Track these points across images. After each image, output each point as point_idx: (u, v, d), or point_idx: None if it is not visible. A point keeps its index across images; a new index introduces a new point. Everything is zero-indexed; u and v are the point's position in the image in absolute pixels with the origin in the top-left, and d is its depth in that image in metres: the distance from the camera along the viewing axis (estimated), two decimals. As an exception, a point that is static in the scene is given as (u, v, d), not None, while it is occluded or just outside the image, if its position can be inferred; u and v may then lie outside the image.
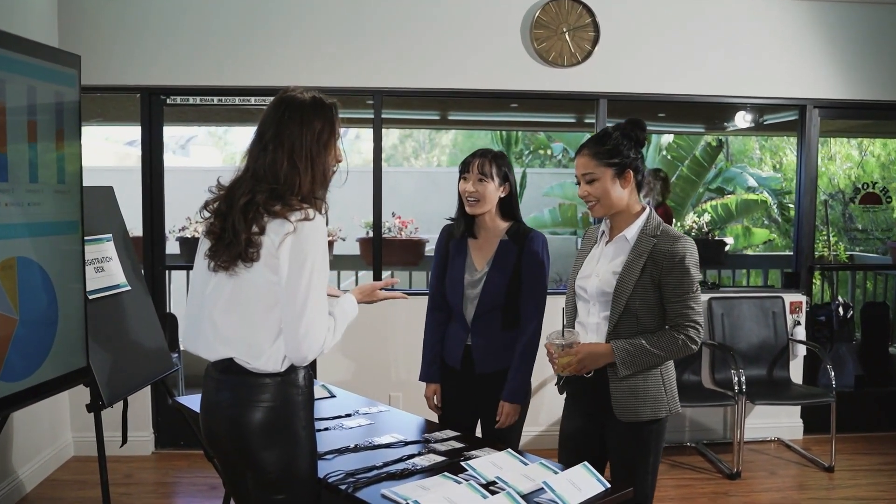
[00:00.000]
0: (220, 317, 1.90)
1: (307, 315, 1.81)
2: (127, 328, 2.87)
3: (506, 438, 2.62)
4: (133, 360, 2.85)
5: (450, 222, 2.77)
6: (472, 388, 2.66)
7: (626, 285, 2.25)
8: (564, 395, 2.49)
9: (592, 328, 2.34)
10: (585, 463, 2.07)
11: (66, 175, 2.50)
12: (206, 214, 1.97)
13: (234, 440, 1.88)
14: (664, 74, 4.48)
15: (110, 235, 2.92)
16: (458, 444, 2.35)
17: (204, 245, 1.96)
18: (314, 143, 1.87)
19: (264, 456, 1.86)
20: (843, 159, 8.78)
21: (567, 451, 2.43)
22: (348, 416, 2.66)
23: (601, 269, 2.33)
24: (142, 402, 4.23)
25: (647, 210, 2.33)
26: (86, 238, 2.77)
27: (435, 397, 2.73)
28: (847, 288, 6.29)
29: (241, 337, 1.87)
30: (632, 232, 2.30)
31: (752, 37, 4.53)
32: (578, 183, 2.35)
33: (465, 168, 2.62)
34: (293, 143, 1.86)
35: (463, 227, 2.68)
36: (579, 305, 2.41)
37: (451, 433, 2.46)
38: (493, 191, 2.60)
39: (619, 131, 2.31)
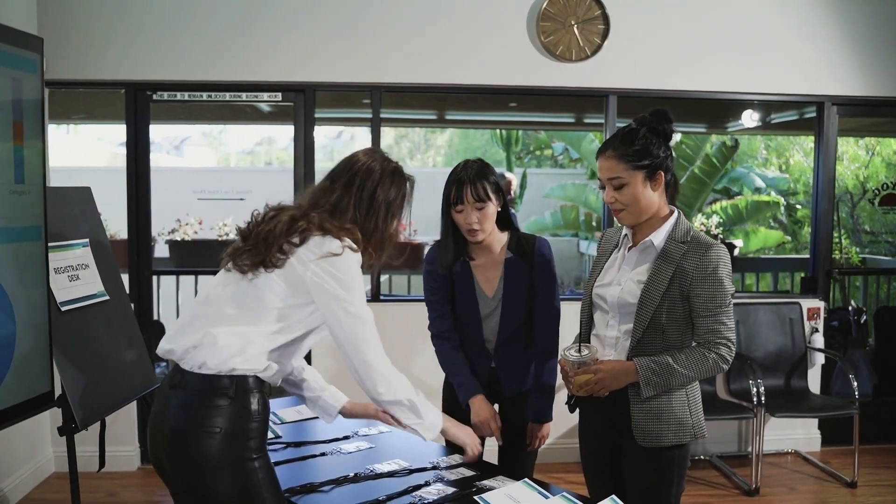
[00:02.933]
0: (212, 308, 1.81)
1: (373, 339, 1.86)
2: (104, 342, 2.63)
3: (523, 459, 2.45)
4: (111, 377, 2.61)
5: (436, 241, 2.48)
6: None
7: (652, 296, 2.02)
8: (577, 415, 2.27)
9: (611, 342, 2.12)
10: (614, 497, 1.86)
11: (26, 174, 2.22)
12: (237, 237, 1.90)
13: (174, 465, 1.73)
14: (677, 70, 4.27)
15: (86, 240, 2.68)
16: (468, 472, 2.13)
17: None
18: (383, 203, 1.86)
19: (212, 487, 1.70)
20: (850, 160, 8.59)
21: (594, 479, 2.24)
22: (346, 438, 2.44)
23: (623, 276, 2.10)
24: (126, 414, 4.00)
25: (676, 213, 2.10)
26: (59, 244, 2.53)
27: (496, 418, 2.36)
28: (859, 292, 6.09)
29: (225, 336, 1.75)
30: (659, 237, 2.06)
31: (769, 30, 4.33)
32: (603, 187, 2.10)
33: (458, 199, 2.29)
34: (364, 194, 1.85)
35: (452, 255, 2.39)
36: (596, 316, 2.18)
37: (459, 458, 2.24)
38: (493, 210, 2.34)
39: (646, 127, 2.07)
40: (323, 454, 2.27)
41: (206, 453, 1.68)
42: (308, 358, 4.18)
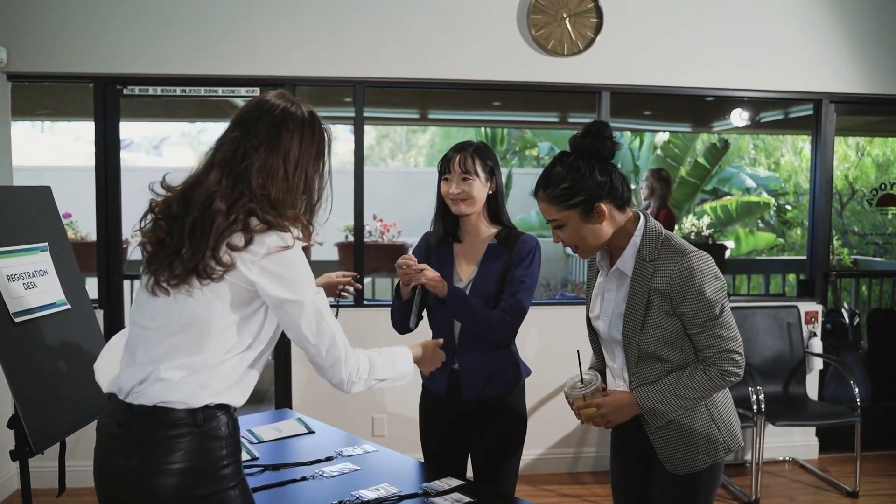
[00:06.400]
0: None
1: (334, 330, 1.58)
2: (64, 355, 2.41)
3: (501, 475, 2.29)
4: (72, 394, 2.38)
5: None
6: (459, 416, 2.32)
7: (633, 327, 1.85)
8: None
9: (618, 373, 1.96)
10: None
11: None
12: (148, 222, 1.57)
13: None
14: (672, 65, 4.11)
15: (45, 244, 2.45)
16: (463, 498, 1.95)
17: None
18: (310, 162, 1.58)
19: None
20: (840, 160, 8.52)
21: (620, 497, 2.08)
22: (329, 459, 2.25)
23: (607, 308, 1.94)
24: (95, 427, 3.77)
25: (641, 223, 1.87)
26: (13, 248, 2.31)
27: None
28: (850, 294, 5.99)
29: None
30: (626, 261, 1.87)
31: (766, 25, 4.18)
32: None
33: (445, 168, 2.28)
34: (289, 153, 1.55)
35: (442, 231, 2.34)
36: (603, 347, 2.03)
37: (453, 482, 2.07)
38: (480, 188, 2.27)
39: (574, 154, 1.85)
40: (304, 478, 2.08)
41: (174, 495, 1.47)
42: (287, 371, 3.99)
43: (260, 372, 1.62)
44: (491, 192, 2.30)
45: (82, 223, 5.40)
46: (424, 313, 2.36)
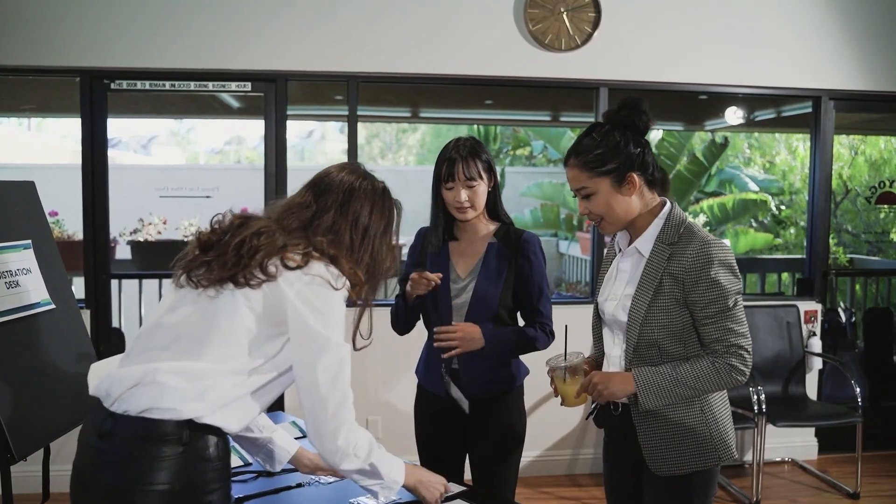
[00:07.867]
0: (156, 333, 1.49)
1: (348, 392, 1.52)
2: (49, 357, 2.32)
3: (501, 476, 2.26)
4: (56, 398, 2.29)
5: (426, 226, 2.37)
6: (459, 418, 2.27)
7: (639, 310, 1.80)
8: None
9: (615, 361, 1.91)
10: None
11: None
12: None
13: None
14: (670, 62, 4.06)
15: (29, 242, 2.36)
16: (465, 505, 1.88)
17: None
18: (378, 234, 1.60)
19: None
20: (833, 158, 8.51)
21: (615, 501, 2.02)
22: (325, 464, 2.17)
23: (617, 289, 1.89)
24: (82, 431, 3.68)
25: (667, 209, 1.85)
26: (-6, 246, 2.23)
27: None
28: (846, 293, 5.96)
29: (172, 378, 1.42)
30: (644, 242, 1.83)
31: (766, 22, 4.14)
32: (575, 195, 1.89)
33: (448, 176, 2.19)
34: (357, 221, 1.55)
35: (442, 233, 2.29)
36: (605, 333, 1.97)
37: (455, 488, 1.99)
38: (485, 189, 2.22)
39: (611, 123, 1.83)
40: (300, 485, 2.00)
41: None
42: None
43: (262, 407, 1.55)
44: (489, 188, 2.25)
45: (69, 222, 5.31)
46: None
